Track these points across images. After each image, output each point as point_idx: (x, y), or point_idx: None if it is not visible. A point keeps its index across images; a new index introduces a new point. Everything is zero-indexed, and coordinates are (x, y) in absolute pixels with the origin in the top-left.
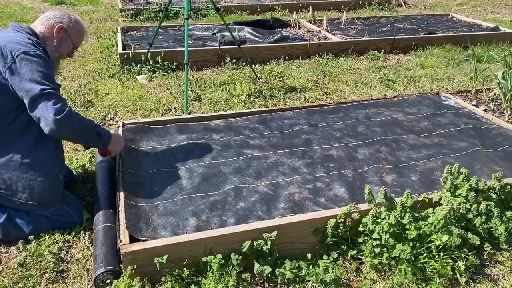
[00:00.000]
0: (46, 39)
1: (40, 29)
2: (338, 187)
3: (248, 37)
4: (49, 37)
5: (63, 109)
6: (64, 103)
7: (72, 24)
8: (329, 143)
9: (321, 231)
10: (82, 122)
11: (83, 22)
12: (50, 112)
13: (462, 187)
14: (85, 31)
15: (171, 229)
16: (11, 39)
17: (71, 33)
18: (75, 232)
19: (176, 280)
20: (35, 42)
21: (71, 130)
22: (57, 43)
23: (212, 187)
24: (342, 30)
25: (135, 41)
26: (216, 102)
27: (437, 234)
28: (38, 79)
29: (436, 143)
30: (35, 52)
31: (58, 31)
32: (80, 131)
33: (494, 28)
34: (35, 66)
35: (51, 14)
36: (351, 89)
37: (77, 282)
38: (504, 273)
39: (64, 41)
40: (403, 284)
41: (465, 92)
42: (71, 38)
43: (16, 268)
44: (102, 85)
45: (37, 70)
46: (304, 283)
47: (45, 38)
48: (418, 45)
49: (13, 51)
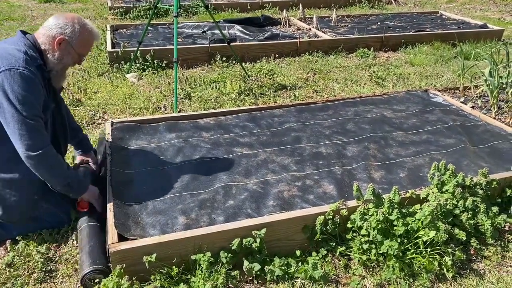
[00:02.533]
0: (47, 51)
1: (42, 40)
2: (327, 184)
3: (238, 35)
4: (50, 49)
5: (37, 147)
6: (37, 141)
7: (76, 35)
8: (318, 140)
9: (310, 228)
10: (53, 170)
11: (92, 26)
12: (23, 145)
13: (449, 183)
14: (93, 37)
15: (160, 227)
16: (5, 51)
17: (74, 44)
18: (63, 231)
19: (165, 279)
20: (31, 57)
21: (40, 172)
22: (59, 55)
23: (202, 185)
24: (332, 28)
25: (124, 39)
26: (206, 100)
27: (424, 230)
28: (16, 103)
29: (424, 140)
30: (22, 70)
31: (59, 43)
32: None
33: (482, 25)
34: (17, 87)
35: (53, 23)
36: (341, 86)
37: (66, 281)
38: (490, 268)
39: (66, 53)
40: (391, 279)
41: (453, 89)
42: (75, 50)
43: (4, 268)
44: (91, 83)
45: (19, 91)
46: (293, 280)
47: (46, 50)
48: (407, 43)
49: (1, 66)
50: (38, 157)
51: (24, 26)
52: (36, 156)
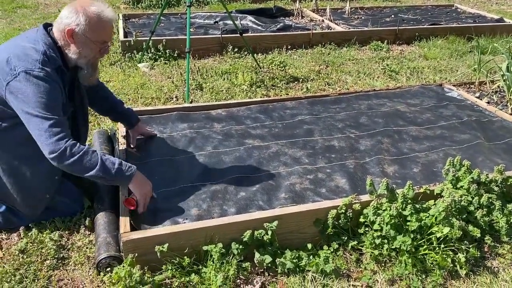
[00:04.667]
0: (64, 47)
1: (57, 36)
2: (339, 178)
3: (251, 26)
4: (66, 44)
5: (58, 148)
6: (59, 139)
7: (84, 22)
8: (330, 133)
9: (321, 222)
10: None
11: (102, 8)
12: (44, 148)
13: (464, 180)
14: (106, 19)
15: (171, 218)
16: (22, 50)
17: (87, 32)
18: (76, 219)
19: (177, 269)
20: (49, 58)
21: (70, 169)
22: (76, 49)
23: (213, 177)
24: (345, 20)
25: (136, 29)
26: (218, 91)
27: (438, 226)
28: (33, 106)
29: (439, 135)
30: (38, 72)
31: (71, 35)
32: (83, 172)
33: (499, 19)
34: (33, 90)
35: (62, 14)
36: (353, 79)
37: (78, 269)
38: (505, 266)
39: (82, 45)
40: (403, 275)
41: (468, 84)
42: (90, 38)
43: (17, 254)
44: (103, 72)
45: (35, 94)
46: (304, 273)
47: (63, 46)
48: (421, 36)
49: (17, 67)
50: (61, 155)
51: (37, 14)
52: (59, 155)
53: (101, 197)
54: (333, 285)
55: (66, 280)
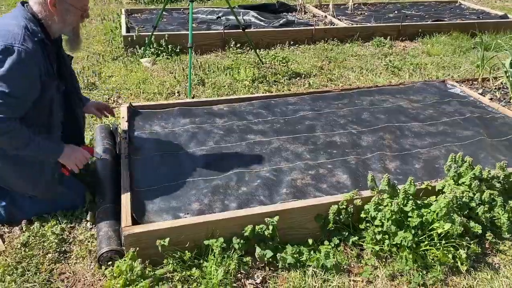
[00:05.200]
0: (47, 19)
1: (36, 9)
2: (341, 174)
3: (253, 21)
4: (49, 15)
5: None
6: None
7: None
8: (332, 129)
9: (322, 217)
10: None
11: None
12: None
13: (466, 176)
14: None
15: (173, 212)
16: (4, 27)
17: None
18: (78, 213)
19: (178, 263)
20: (32, 32)
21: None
22: (60, 17)
23: (215, 171)
24: (348, 16)
25: (139, 24)
26: (220, 86)
27: (439, 222)
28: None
29: (441, 131)
30: (18, 47)
31: (53, 4)
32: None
33: (503, 16)
34: (9, 64)
35: None
36: (356, 75)
37: (80, 263)
38: (506, 262)
39: (65, 12)
40: (404, 271)
41: (471, 81)
42: (72, 4)
43: (19, 248)
44: (106, 67)
45: (7, 69)
46: (305, 268)
47: (45, 17)
48: (425, 32)
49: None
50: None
51: None
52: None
53: (103, 192)
54: (333, 280)
55: (67, 273)
